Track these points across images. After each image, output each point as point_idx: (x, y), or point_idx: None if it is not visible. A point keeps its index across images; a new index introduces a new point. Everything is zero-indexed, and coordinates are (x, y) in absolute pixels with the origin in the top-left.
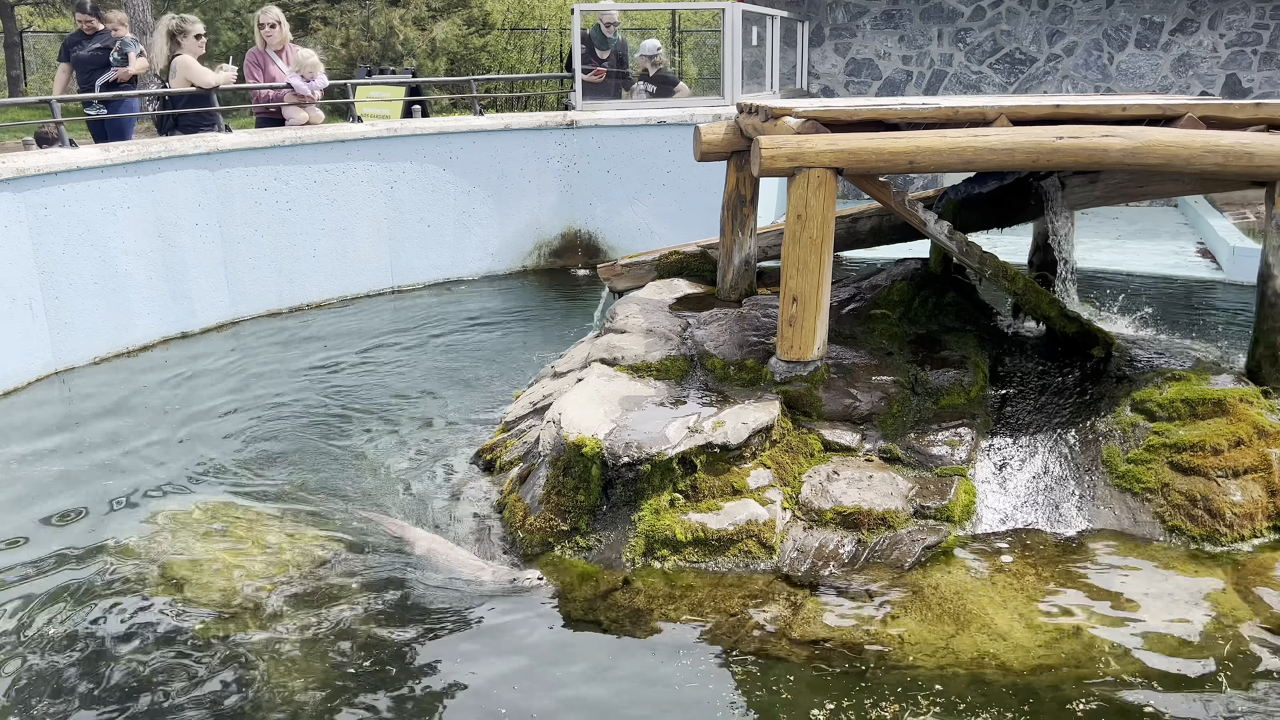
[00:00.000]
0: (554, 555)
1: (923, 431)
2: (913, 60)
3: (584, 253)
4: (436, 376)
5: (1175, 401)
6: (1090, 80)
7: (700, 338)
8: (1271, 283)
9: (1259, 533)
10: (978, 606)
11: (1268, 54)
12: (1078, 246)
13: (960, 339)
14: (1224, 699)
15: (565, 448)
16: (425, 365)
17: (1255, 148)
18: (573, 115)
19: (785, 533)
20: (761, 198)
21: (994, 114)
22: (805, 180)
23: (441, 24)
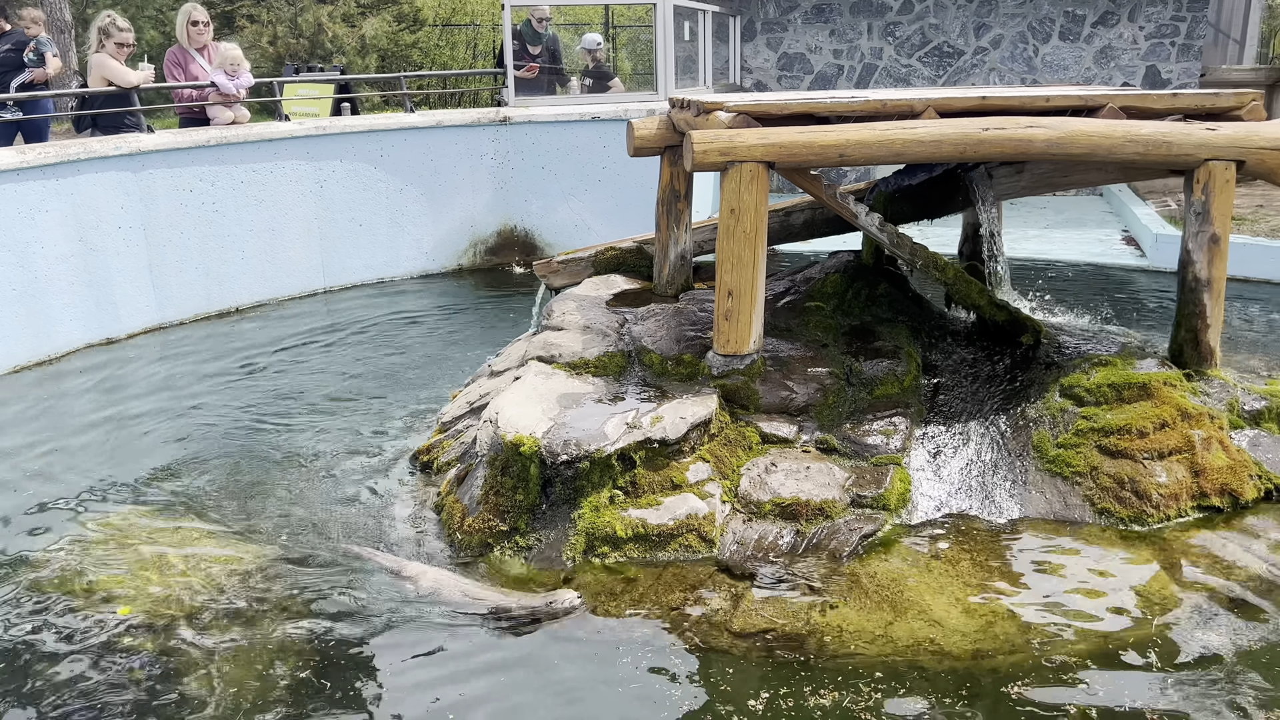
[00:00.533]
0: (493, 556)
1: (858, 422)
2: (843, 54)
3: (520, 250)
4: (371, 378)
5: (1102, 386)
6: (1016, 72)
7: (638, 333)
8: (1191, 268)
9: (1184, 512)
10: (914, 593)
11: (1185, 45)
12: (1007, 236)
13: (893, 330)
14: (1155, 675)
15: (503, 447)
16: (359, 367)
17: (1173, 136)
18: (506, 112)
19: (725, 525)
20: (697, 192)
21: (922, 107)
22: (738, 174)
23: (371, 20)
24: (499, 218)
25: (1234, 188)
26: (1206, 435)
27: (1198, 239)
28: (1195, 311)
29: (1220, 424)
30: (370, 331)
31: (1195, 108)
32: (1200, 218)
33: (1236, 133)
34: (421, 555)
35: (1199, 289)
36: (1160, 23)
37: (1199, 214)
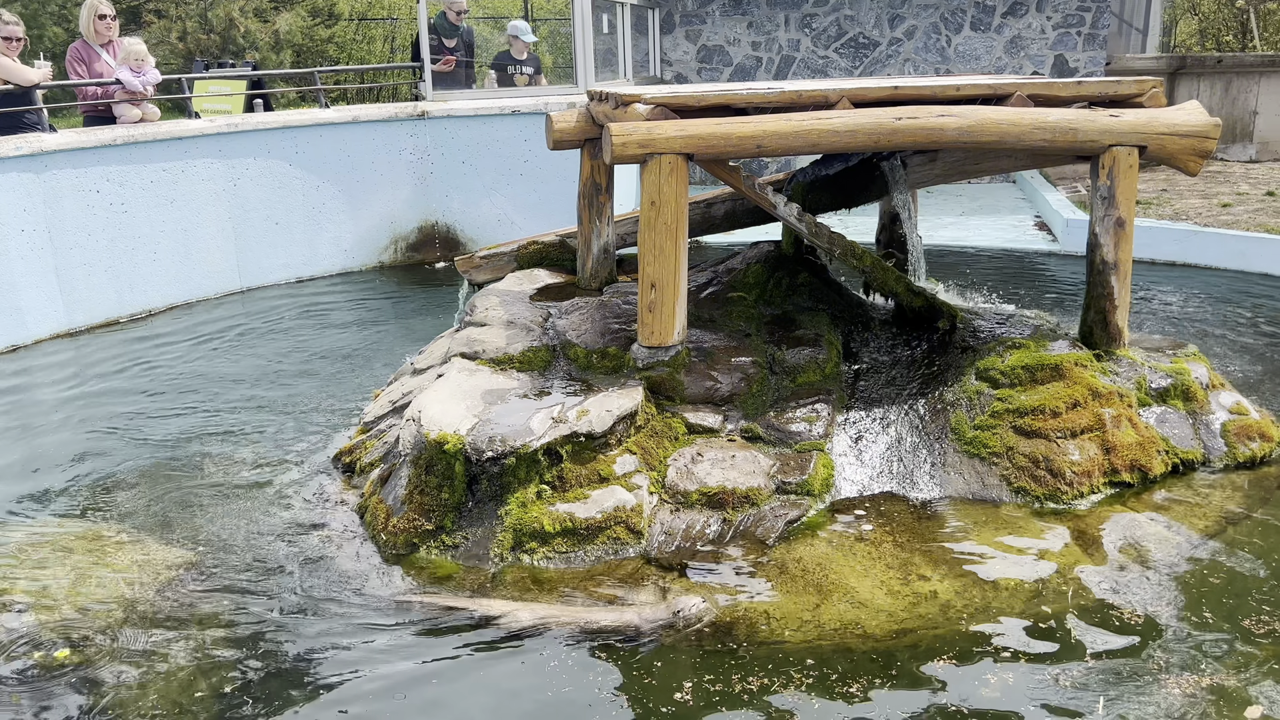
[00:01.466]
0: (419, 556)
1: (782, 409)
2: (762, 46)
3: (442, 246)
4: (290, 379)
5: (1016, 368)
6: (930, 63)
7: (562, 327)
8: (1099, 251)
9: (1096, 489)
10: (840, 576)
11: (1090, 35)
12: (923, 223)
13: (814, 318)
14: (1072, 646)
15: (426, 445)
16: (278, 368)
17: (1079, 123)
18: (424, 106)
19: (653, 517)
20: (619, 185)
21: (836, 97)
22: (657, 166)
23: (285, 15)
24: (420, 213)
25: (1137, 172)
26: (1116, 413)
27: (1104, 223)
28: (1103, 293)
29: (1129, 402)
30: (289, 332)
31: (1099, 95)
32: (1106, 202)
33: (1138, 119)
34: (346, 555)
35: (1106, 271)
36: (1067, 13)
37: (1105, 198)
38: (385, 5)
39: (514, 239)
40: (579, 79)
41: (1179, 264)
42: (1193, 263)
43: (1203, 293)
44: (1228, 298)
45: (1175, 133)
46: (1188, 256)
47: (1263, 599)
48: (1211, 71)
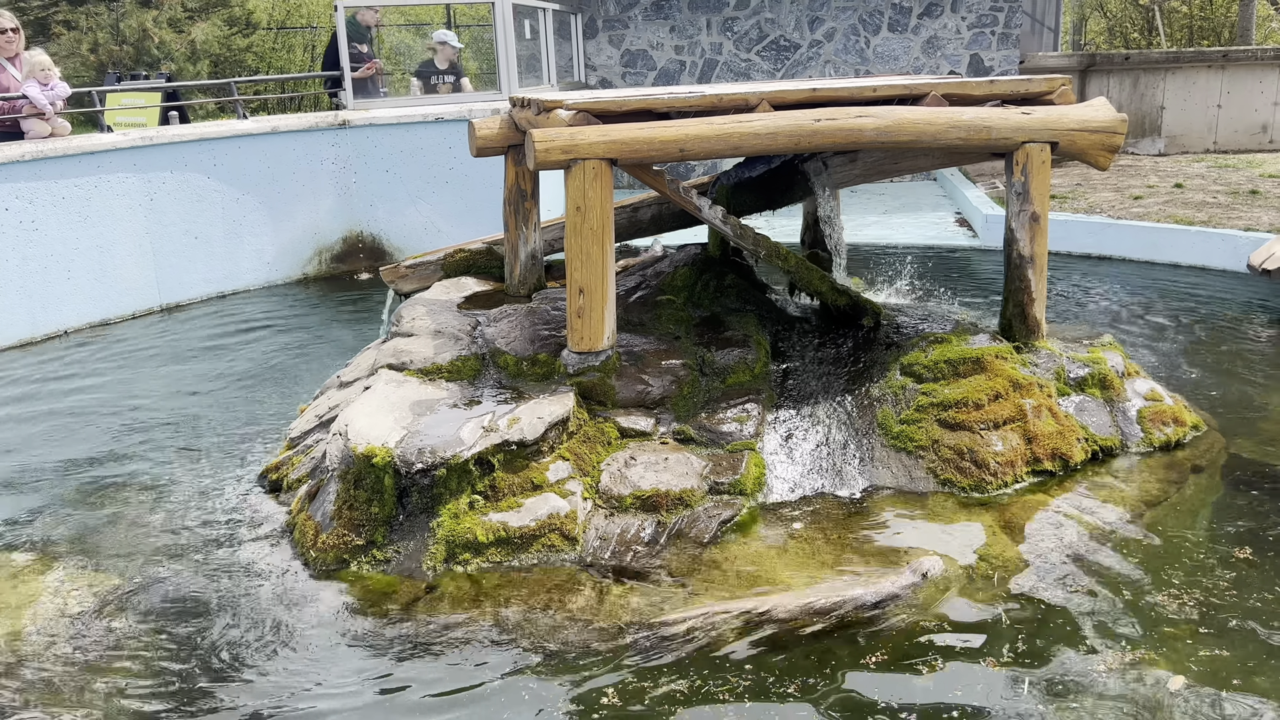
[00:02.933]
0: (350, 571)
1: (713, 410)
2: (685, 50)
3: (368, 256)
4: (213, 397)
5: (939, 363)
6: (850, 64)
7: (491, 335)
8: (1015, 246)
9: (1020, 478)
10: (773, 574)
11: (1004, 34)
12: (847, 222)
13: (742, 319)
14: (1002, 632)
15: (354, 459)
16: (200, 386)
17: (992, 121)
18: (345, 115)
19: (587, 522)
20: (546, 191)
21: (756, 100)
22: (581, 172)
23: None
24: (344, 224)
25: (1050, 168)
26: (1037, 404)
27: (1020, 218)
28: (1021, 287)
29: (1049, 392)
30: (211, 348)
31: (1011, 93)
32: (1021, 197)
33: (1049, 116)
34: (274, 574)
35: (1023, 265)
36: (980, 13)
37: (1019, 194)
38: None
39: (441, 247)
40: (502, 85)
41: (1094, 256)
42: (1107, 254)
43: (1117, 283)
44: (1140, 287)
45: (1085, 129)
46: (1102, 248)
47: (1179, 577)
48: (1120, 68)
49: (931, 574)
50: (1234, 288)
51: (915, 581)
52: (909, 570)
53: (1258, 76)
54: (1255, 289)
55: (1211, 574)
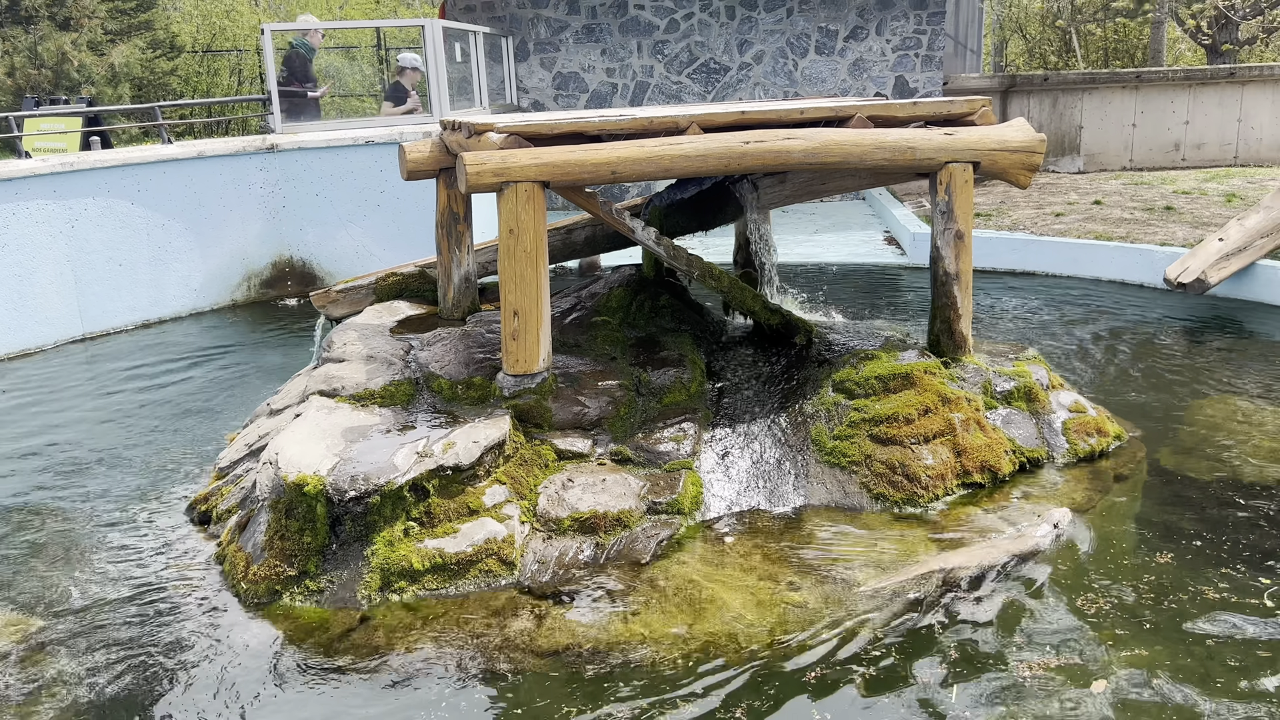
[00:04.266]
0: (283, 603)
1: (650, 431)
2: (616, 72)
3: (298, 281)
4: (140, 427)
5: (870, 379)
6: (779, 86)
7: (424, 359)
8: (941, 264)
9: (950, 491)
10: (711, 592)
11: (927, 56)
12: (779, 242)
13: (677, 339)
14: (933, 643)
15: (285, 488)
16: (126, 416)
17: (916, 142)
18: (274, 139)
19: (525, 546)
20: (479, 213)
21: (686, 122)
22: (514, 194)
23: (121, 48)
24: (273, 249)
25: (972, 187)
26: (965, 417)
27: (944, 236)
28: (947, 303)
29: (976, 406)
30: (138, 377)
31: (934, 115)
32: (945, 216)
33: (970, 136)
34: (204, 608)
35: (949, 282)
36: (904, 36)
37: (944, 212)
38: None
39: (373, 271)
40: (434, 108)
41: (1018, 272)
42: (1030, 270)
43: (1040, 298)
44: (1062, 302)
45: (1005, 148)
46: (1025, 264)
47: (1103, 583)
48: (1040, 89)
49: (1061, 524)
50: (1151, 301)
51: (1050, 532)
52: (1044, 522)
53: (1169, 97)
54: (1171, 302)
55: (1134, 579)
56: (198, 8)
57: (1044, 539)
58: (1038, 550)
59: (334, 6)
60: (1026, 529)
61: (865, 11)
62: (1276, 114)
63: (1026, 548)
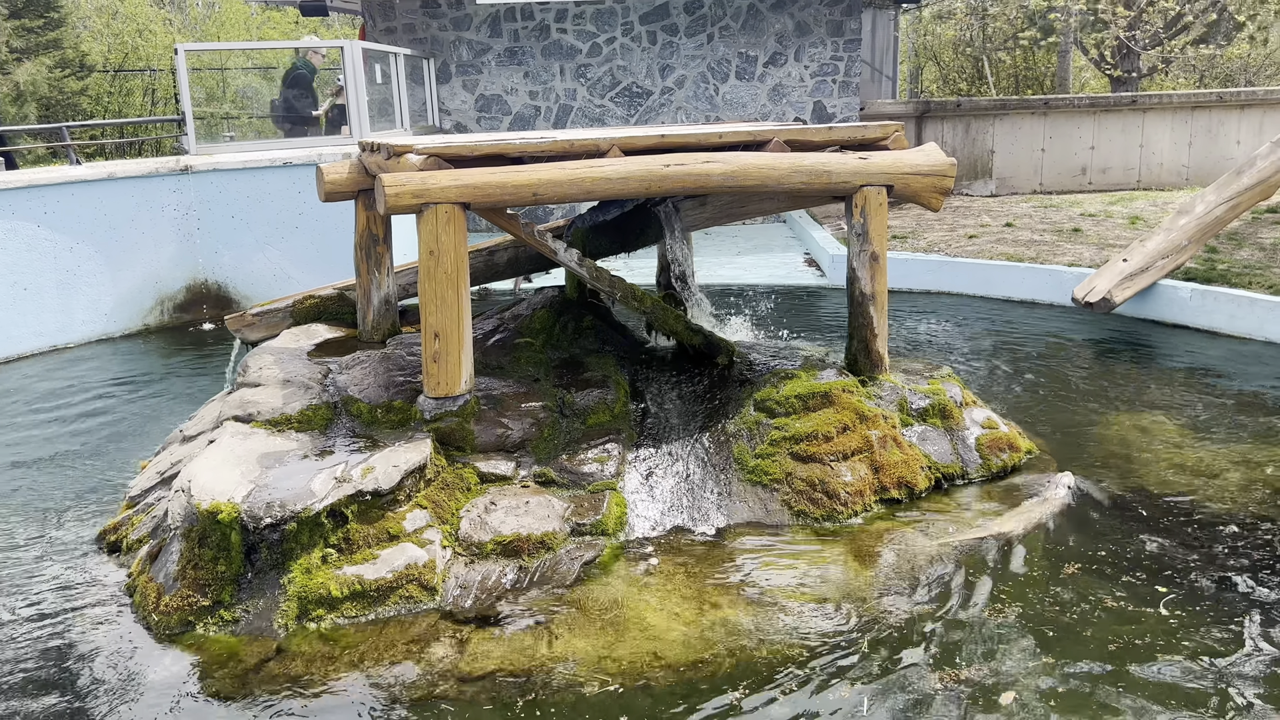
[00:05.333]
0: (196, 634)
1: (574, 452)
2: (539, 95)
3: (214, 305)
4: (47, 457)
5: (790, 398)
6: (701, 110)
7: (343, 383)
8: (857, 284)
9: (868, 506)
10: (635, 612)
11: (845, 82)
12: (703, 264)
13: (601, 360)
14: (856, 656)
15: (198, 516)
16: (32, 445)
17: (832, 166)
18: (188, 160)
19: (447, 571)
20: (400, 235)
21: (607, 145)
22: (434, 216)
23: (26, 66)
24: (187, 272)
25: (887, 210)
26: (882, 434)
27: (860, 257)
28: (864, 323)
29: (893, 423)
30: (44, 405)
31: (849, 139)
32: (861, 238)
33: (884, 161)
34: (113, 641)
35: (865, 302)
36: (822, 62)
37: (859, 235)
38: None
39: (290, 294)
40: (353, 129)
41: (933, 292)
42: (945, 290)
43: (954, 318)
44: (976, 321)
45: (917, 172)
46: (940, 285)
47: (1013, 594)
48: (953, 115)
49: (1072, 484)
50: (1060, 320)
51: (1066, 492)
52: (1059, 485)
53: (1075, 122)
54: (1079, 321)
55: (1042, 590)
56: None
57: (1065, 498)
58: (1066, 508)
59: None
60: (1047, 492)
61: (784, 38)
62: (1175, 140)
63: (1055, 509)
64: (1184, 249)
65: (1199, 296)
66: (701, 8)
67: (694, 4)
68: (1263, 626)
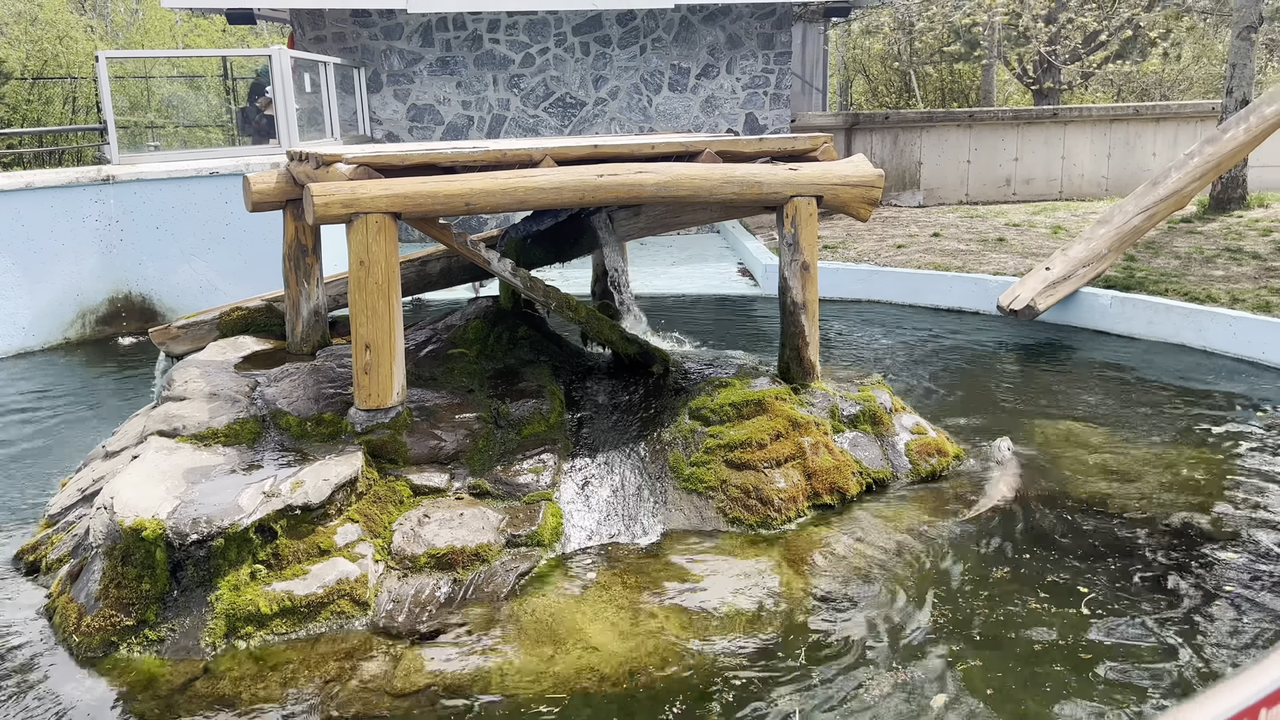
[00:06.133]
0: (119, 655)
1: (509, 463)
2: (472, 105)
3: (138, 318)
4: None
5: (724, 406)
6: (634, 121)
7: (272, 396)
8: (789, 293)
9: (802, 512)
10: (571, 623)
11: (775, 95)
12: (637, 273)
13: (536, 370)
14: (793, 663)
15: (121, 534)
16: None
17: (763, 176)
18: (110, 169)
19: (379, 585)
20: (331, 245)
21: (540, 155)
22: (364, 226)
23: None
24: (110, 284)
25: (816, 220)
26: (814, 441)
27: (792, 267)
28: (796, 331)
29: (825, 430)
30: None
31: (779, 150)
32: (792, 248)
33: (814, 171)
34: (31, 664)
35: (797, 311)
36: (753, 74)
37: (790, 244)
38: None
39: (217, 306)
40: (281, 139)
41: (863, 301)
42: (875, 299)
43: (884, 326)
44: (905, 329)
45: (846, 183)
46: (870, 294)
47: (944, 599)
48: (881, 127)
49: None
50: (986, 327)
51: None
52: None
53: (1000, 135)
54: (1004, 328)
55: (973, 594)
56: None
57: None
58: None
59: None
60: (998, 455)
61: (715, 50)
62: (1094, 151)
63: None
64: (1104, 257)
65: (1119, 303)
66: (634, 20)
67: (626, 16)
68: (1180, 624)
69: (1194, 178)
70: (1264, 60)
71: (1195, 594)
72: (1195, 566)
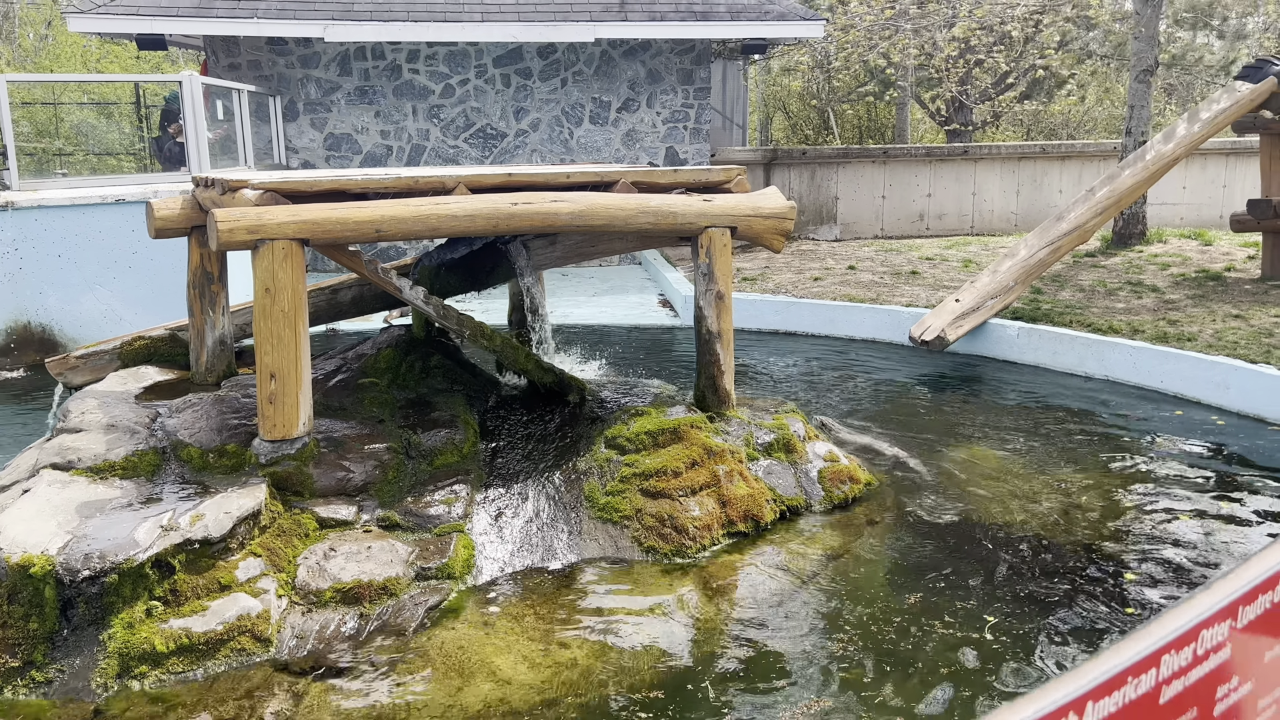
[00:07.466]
0: (3, 699)
1: (420, 494)
2: (391, 135)
3: (39, 349)
4: None
5: (640, 434)
6: (556, 153)
7: (173, 427)
8: (704, 323)
9: (716, 540)
10: (481, 656)
11: (695, 129)
12: (559, 303)
13: (449, 399)
14: (701, 694)
15: (8, 571)
16: None
17: (678, 207)
18: (9, 196)
19: (282, 621)
20: (239, 273)
21: (453, 183)
22: (270, 252)
23: None
24: (8, 314)
25: (731, 250)
26: (729, 469)
27: (707, 296)
28: (711, 360)
29: (740, 458)
30: None
31: (694, 182)
32: (707, 278)
33: (727, 203)
34: None
35: (712, 340)
36: (674, 109)
37: (705, 274)
38: None
39: (120, 335)
40: (191, 166)
41: (781, 332)
42: (791, 330)
43: (800, 356)
44: (820, 359)
45: (759, 214)
46: (787, 325)
47: (857, 625)
48: (800, 162)
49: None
50: (899, 358)
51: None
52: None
53: (913, 171)
54: (916, 358)
55: (882, 619)
56: None
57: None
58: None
59: (90, 61)
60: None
61: (636, 84)
62: (1004, 188)
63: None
64: (1011, 289)
65: (1025, 334)
66: (555, 53)
67: (547, 49)
68: (1078, 645)
69: (1095, 213)
70: (1162, 103)
71: (1097, 610)
72: (1094, 587)
